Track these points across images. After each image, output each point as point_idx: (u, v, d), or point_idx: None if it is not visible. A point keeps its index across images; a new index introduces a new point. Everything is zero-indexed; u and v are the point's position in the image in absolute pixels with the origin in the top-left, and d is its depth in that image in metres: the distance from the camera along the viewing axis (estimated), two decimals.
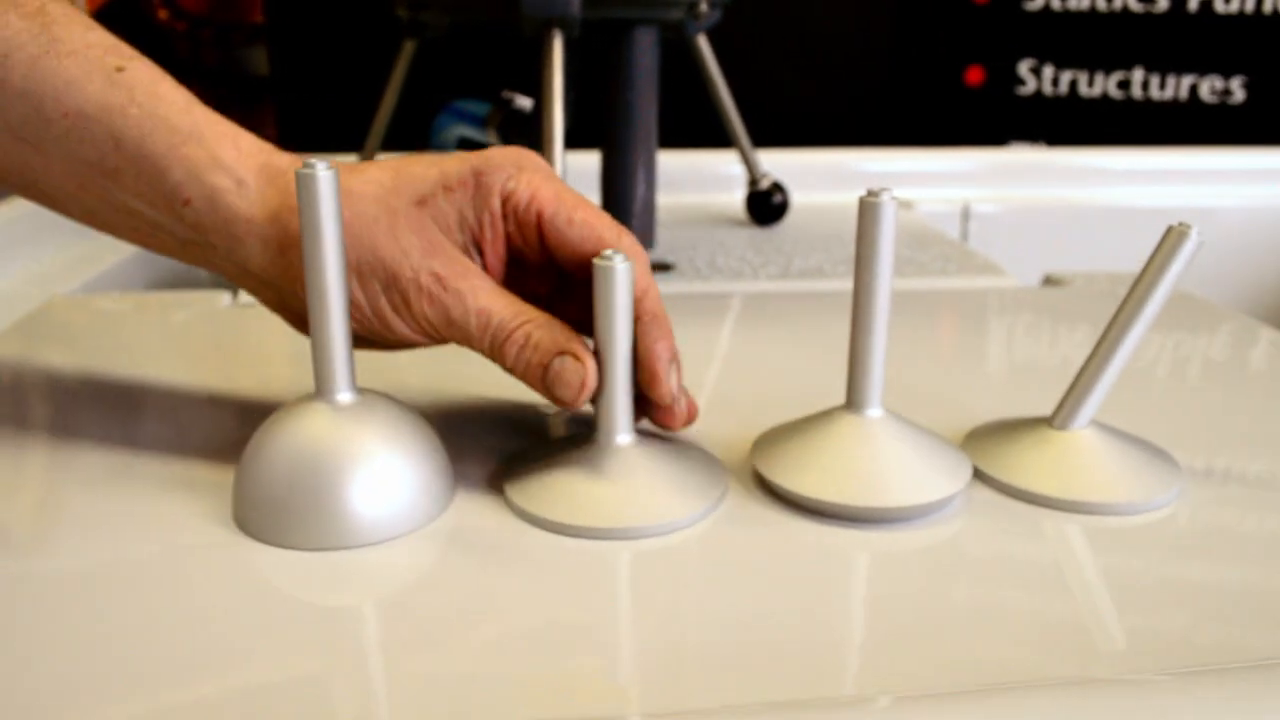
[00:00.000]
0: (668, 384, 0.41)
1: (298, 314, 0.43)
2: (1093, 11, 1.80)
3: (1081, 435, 0.43)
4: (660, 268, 0.78)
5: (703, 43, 0.92)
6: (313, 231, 0.36)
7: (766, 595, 0.35)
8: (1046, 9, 1.81)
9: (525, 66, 0.80)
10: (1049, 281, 0.79)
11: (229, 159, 0.40)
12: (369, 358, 0.44)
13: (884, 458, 0.40)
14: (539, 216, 0.40)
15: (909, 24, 1.83)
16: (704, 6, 0.78)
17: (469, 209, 0.40)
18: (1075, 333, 0.65)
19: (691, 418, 0.43)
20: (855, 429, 0.41)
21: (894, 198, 0.38)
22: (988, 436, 0.45)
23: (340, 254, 0.37)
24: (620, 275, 0.38)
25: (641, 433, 0.42)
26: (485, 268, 0.42)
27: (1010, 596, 0.35)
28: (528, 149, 0.43)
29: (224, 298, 0.70)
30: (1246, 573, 0.37)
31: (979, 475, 0.43)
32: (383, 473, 0.38)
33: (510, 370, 0.40)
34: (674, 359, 0.41)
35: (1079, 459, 0.42)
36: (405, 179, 0.40)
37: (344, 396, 0.38)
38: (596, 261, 0.38)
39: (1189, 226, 0.41)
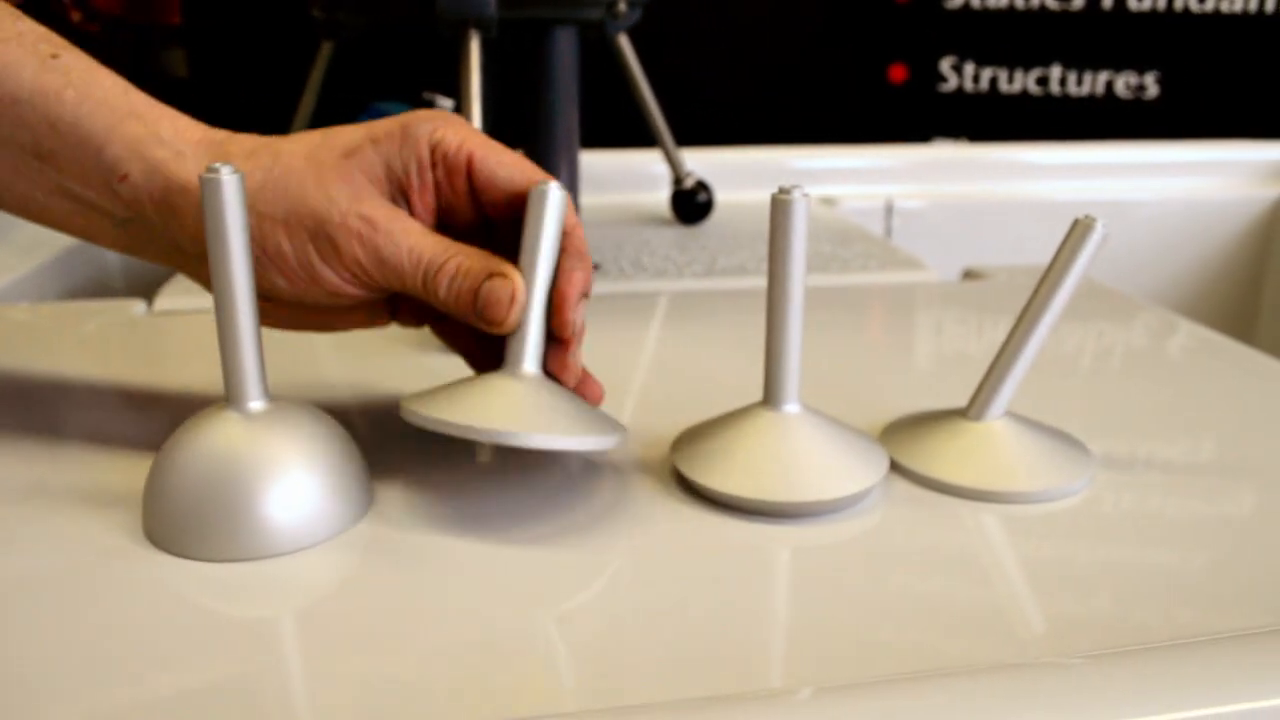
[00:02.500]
0: (573, 313, 0.41)
1: None
2: (1011, 10, 1.83)
3: (995, 426, 0.43)
4: None
5: (624, 42, 0.92)
6: (218, 236, 0.35)
7: (688, 592, 0.35)
8: (966, 7, 1.84)
9: (446, 67, 0.79)
10: (969, 275, 0.81)
11: (168, 134, 0.41)
12: (283, 362, 0.43)
13: (801, 453, 0.40)
14: (469, 160, 0.41)
15: (832, 23, 1.84)
16: (623, 6, 0.78)
17: (396, 159, 0.41)
18: (994, 326, 0.66)
19: (595, 396, 0.43)
20: (772, 425, 0.41)
21: (805, 194, 0.39)
22: (905, 429, 0.45)
23: (247, 259, 0.36)
24: (554, 198, 0.39)
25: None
26: (413, 216, 0.42)
27: (929, 586, 0.35)
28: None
29: (138, 306, 0.69)
30: (1157, 555, 0.37)
31: (896, 468, 0.43)
32: (296, 481, 0.37)
33: (444, 305, 0.40)
34: (586, 294, 0.41)
35: (992, 449, 0.42)
36: (333, 136, 0.41)
37: (255, 404, 0.38)
38: (532, 189, 0.40)
39: (1094, 219, 0.42)
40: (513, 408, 0.38)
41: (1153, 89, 1.81)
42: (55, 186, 0.41)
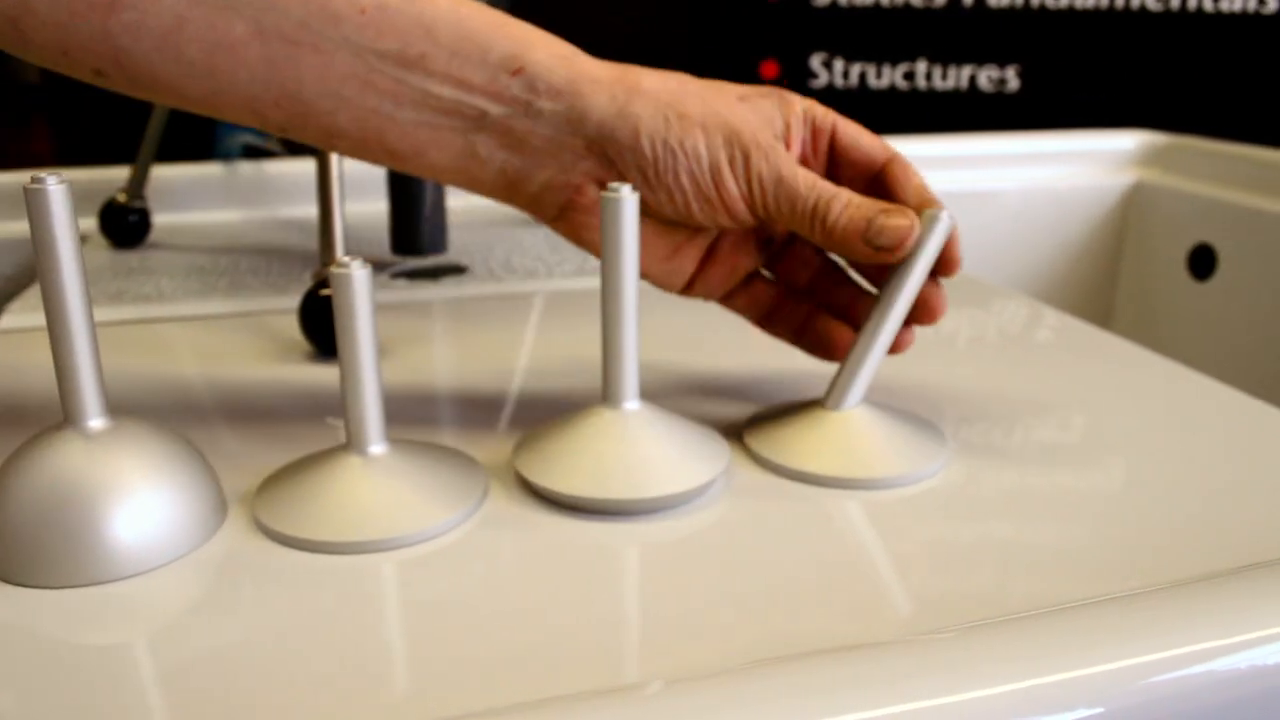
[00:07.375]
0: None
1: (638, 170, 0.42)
2: (877, 7, 1.87)
3: (852, 414, 0.44)
4: (453, 270, 0.77)
5: None
6: (48, 246, 0.34)
7: (533, 594, 0.35)
8: (834, 5, 1.87)
9: None
10: None
11: (554, 38, 0.42)
12: (139, 378, 0.41)
13: (639, 449, 0.40)
14: (834, 126, 0.46)
15: (704, 21, 1.86)
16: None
17: (776, 113, 0.45)
18: None
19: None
20: (611, 424, 0.41)
21: (634, 192, 0.39)
22: (765, 421, 0.46)
23: (79, 271, 0.34)
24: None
25: (395, 441, 0.41)
26: None
27: (793, 574, 0.36)
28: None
29: None
30: (1018, 532, 0.39)
31: (757, 459, 0.44)
32: (140, 499, 0.36)
33: (828, 232, 0.43)
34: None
35: (849, 437, 0.43)
36: (720, 84, 0.45)
37: (95, 423, 0.36)
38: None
39: (940, 209, 0.43)
40: (369, 510, 0.39)
41: (1013, 82, 1.88)
42: (412, 95, 0.40)
